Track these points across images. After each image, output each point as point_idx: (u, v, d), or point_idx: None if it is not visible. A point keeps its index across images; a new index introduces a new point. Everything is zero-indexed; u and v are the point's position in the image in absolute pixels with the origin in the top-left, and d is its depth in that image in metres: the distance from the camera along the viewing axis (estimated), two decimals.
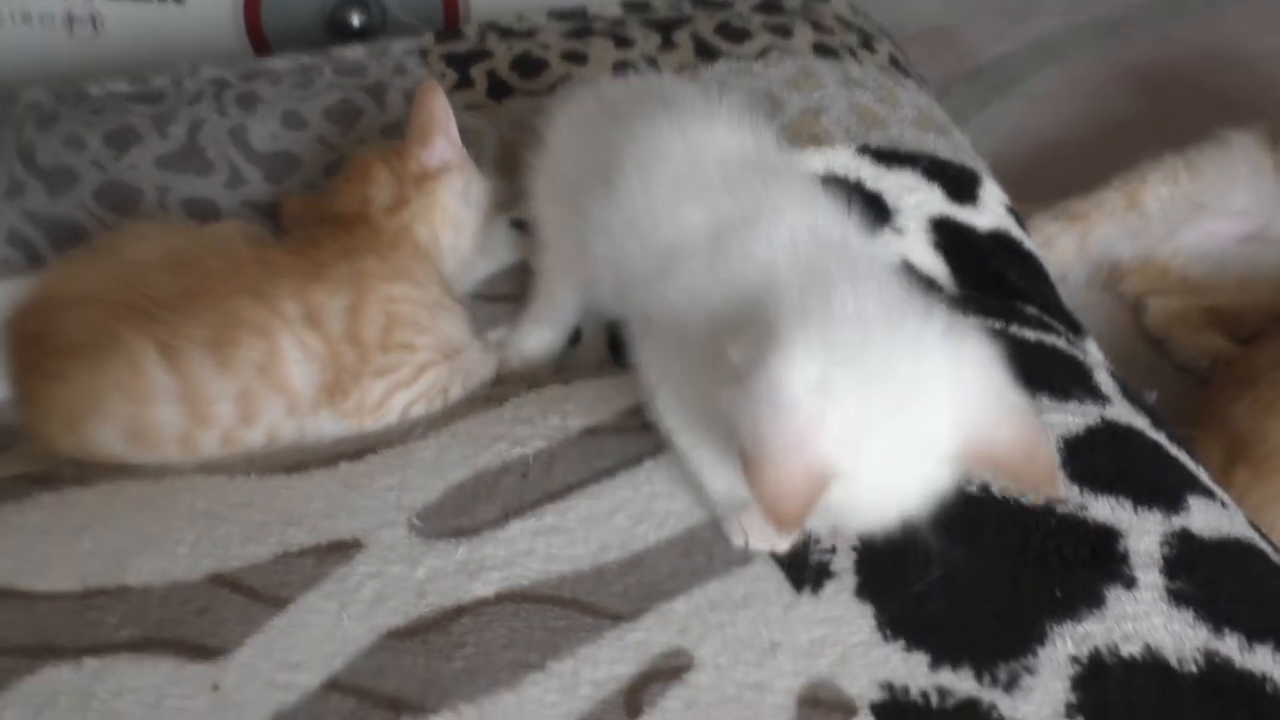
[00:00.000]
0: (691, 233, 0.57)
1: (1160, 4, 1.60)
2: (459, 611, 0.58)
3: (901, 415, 0.47)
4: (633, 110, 0.64)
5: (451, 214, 0.73)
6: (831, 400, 0.46)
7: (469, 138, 0.77)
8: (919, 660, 0.56)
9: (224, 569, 0.60)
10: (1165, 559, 0.60)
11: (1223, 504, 0.67)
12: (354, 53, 0.97)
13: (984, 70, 1.49)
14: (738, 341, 0.49)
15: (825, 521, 0.53)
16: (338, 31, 1.26)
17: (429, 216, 0.72)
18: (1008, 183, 0.91)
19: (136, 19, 1.24)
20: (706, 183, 0.59)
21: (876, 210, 0.83)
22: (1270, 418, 0.92)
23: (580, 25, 1.00)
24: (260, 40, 1.27)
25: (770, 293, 0.50)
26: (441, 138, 0.73)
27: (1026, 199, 1.03)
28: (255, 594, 0.59)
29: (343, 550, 0.60)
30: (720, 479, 0.58)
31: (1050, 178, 1.29)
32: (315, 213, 0.74)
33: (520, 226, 0.79)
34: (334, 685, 0.55)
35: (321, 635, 0.57)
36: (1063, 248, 1.14)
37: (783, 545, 0.60)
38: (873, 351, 0.47)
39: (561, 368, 0.75)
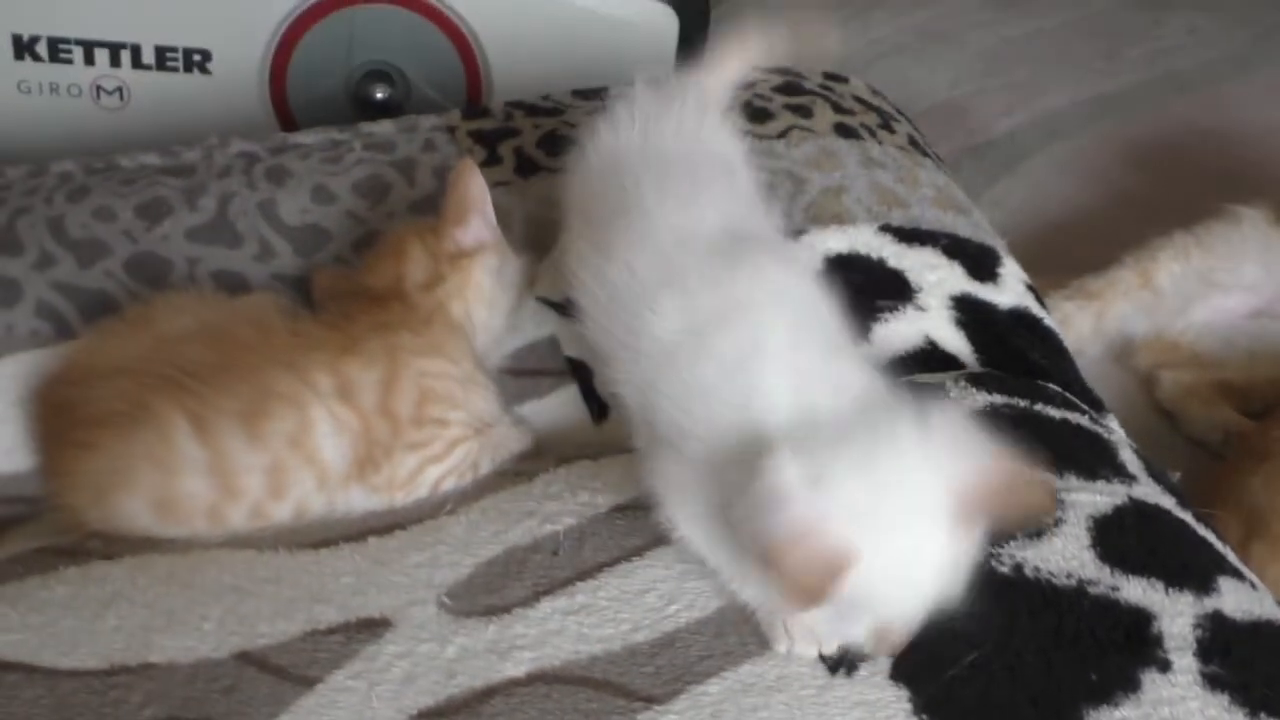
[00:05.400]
0: (668, 331, 0.59)
1: (1161, 82, 1.63)
2: (489, 692, 0.57)
3: (895, 490, 0.52)
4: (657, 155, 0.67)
5: (486, 292, 0.74)
6: (829, 490, 0.51)
7: (498, 214, 0.77)
8: None
9: (251, 646, 0.59)
10: (1199, 641, 0.60)
11: (1252, 585, 0.66)
12: (383, 128, 0.99)
13: (992, 146, 1.51)
14: (735, 464, 0.53)
15: (862, 617, 0.55)
16: (362, 104, 1.29)
17: (463, 294, 0.73)
18: (1018, 257, 0.92)
19: (163, 89, 1.27)
20: (685, 266, 0.61)
21: (899, 288, 0.84)
22: None
23: (604, 105, 1.01)
24: (285, 111, 1.30)
25: (756, 408, 0.55)
26: (478, 217, 0.74)
27: (1036, 273, 1.04)
28: (283, 673, 0.58)
29: (372, 628, 0.60)
30: (750, 587, 0.59)
31: (1059, 252, 1.31)
32: (348, 287, 0.75)
33: (547, 304, 0.80)
34: None
35: (350, 716, 0.56)
36: (1079, 326, 1.15)
37: (828, 647, 0.59)
38: (856, 443, 0.53)
39: (585, 445, 0.74)
